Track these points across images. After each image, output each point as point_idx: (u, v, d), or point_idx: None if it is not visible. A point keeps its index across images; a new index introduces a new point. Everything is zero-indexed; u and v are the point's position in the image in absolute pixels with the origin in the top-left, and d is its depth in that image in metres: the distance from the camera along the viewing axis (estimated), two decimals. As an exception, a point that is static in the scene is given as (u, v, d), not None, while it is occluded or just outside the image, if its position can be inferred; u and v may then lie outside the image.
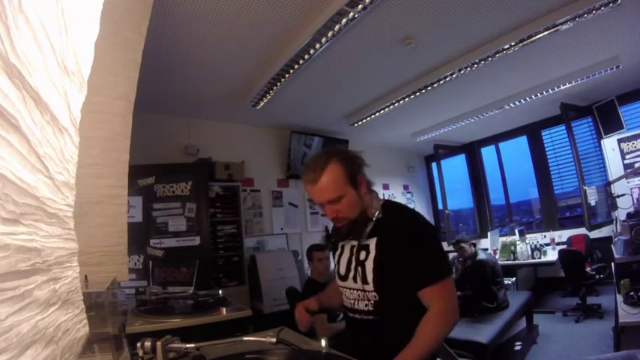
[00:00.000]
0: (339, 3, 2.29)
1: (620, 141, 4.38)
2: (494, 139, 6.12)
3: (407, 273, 1.07)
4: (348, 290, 1.19)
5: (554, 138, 5.41)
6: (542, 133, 5.52)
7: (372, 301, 1.12)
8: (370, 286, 1.11)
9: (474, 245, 3.43)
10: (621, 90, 4.43)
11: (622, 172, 4.12)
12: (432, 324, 1.03)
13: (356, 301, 1.16)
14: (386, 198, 1.28)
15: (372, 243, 1.14)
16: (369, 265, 1.12)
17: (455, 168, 6.51)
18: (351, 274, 1.17)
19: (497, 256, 4.75)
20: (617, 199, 3.89)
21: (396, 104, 4.08)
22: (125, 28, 1.04)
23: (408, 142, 5.90)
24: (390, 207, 1.20)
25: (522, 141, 5.78)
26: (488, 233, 5.34)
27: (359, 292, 1.14)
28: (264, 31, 2.62)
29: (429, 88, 3.70)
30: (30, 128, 0.46)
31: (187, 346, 0.82)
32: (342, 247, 1.25)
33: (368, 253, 1.14)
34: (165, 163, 3.61)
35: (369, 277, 1.11)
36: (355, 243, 1.18)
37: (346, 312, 1.23)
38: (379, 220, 1.14)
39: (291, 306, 3.11)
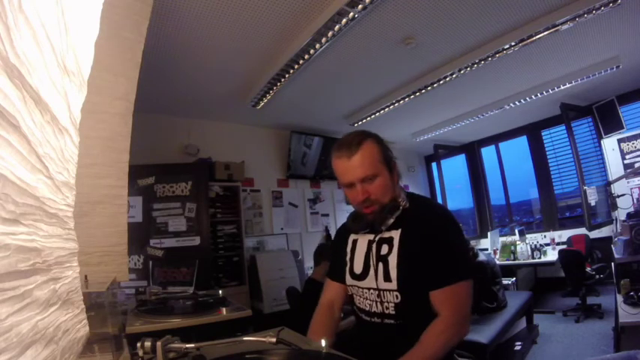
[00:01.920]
0: (339, 3, 2.29)
1: (620, 141, 4.39)
2: (494, 139, 6.12)
3: (427, 271, 0.98)
4: (366, 291, 1.08)
5: (554, 138, 5.42)
6: (542, 133, 5.53)
7: (393, 303, 1.01)
8: (393, 285, 1.00)
9: (472, 249, 3.43)
10: (621, 90, 4.43)
11: (622, 172, 4.13)
12: (438, 334, 0.93)
13: (374, 303, 1.05)
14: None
15: (396, 236, 1.04)
16: (393, 261, 1.01)
17: (455, 168, 6.51)
18: (371, 271, 1.05)
19: (497, 256, 4.76)
20: (617, 199, 3.89)
21: (396, 104, 4.08)
22: (125, 28, 1.04)
23: (408, 142, 5.90)
24: (417, 199, 1.12)
25: (522, 141, 5.79)
26: (489, 233, 5.34)
27: (378, 292, 1.04)
28: (264, 31, 2.62)
29: (429, 88, 3.70)
30: (30, 128, 0.46)
31: (187, 346, 0.81)
32: (355, 242, 1.15)
33: (391, 246, 1.03)
34: (165, 163, 3.61)
35: (393, 273, 1.00)
36: (372, 237, 1.08)
37: (360, 315, 1.11)
38: (405, 210, 1.06)
39: (292, 306, 3.10)
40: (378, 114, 4.33)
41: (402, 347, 0.99)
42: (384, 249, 1.05)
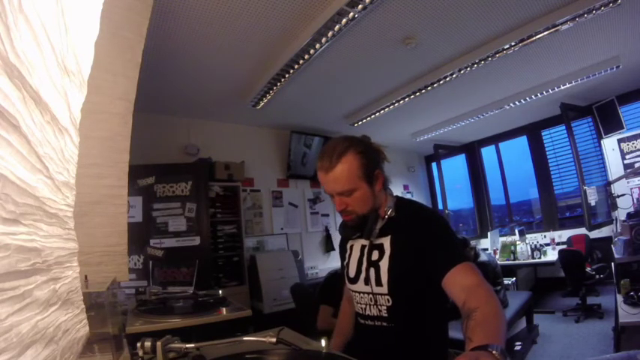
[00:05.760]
0: (339, 3, 2.28)
1: (620, 141, 4.39)
2: (494, 139, 6.12)
3: (424, 271, 0.98)
4: (358, 294, 1.11)
5: (554, 138, 5.42)
6: (542, 133, 5.53)
7: (385, 307, 1.04)
8: (384, 289, 1.03)
9: (474, 249, 3.43)
10: (621, 90, 4.43)
11: (622, 172, 4.12)
12: (486, 294, 0.85)
13: (367, 306, 1.08)
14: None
15: (387, 242, 1.07)
16: (384, 266, 1.04)
17: (455, 168, 6.51)
18: (362, 276, 1.09)
19: (497, 256, 4.76)
20: (617, 199, 3.89)
21: (396, 104, 4.08)
22: (125, 28, 1.04)
23: (408, 142, 5.90)
24: (405, 205, 1.12)
25: (522, 141, 5.79)
26: (489, 233, 5.34)
27: (370, 295, 1.07)
28: (264, 31, 2.62)
29: (429, 88, 3.70)
30: (30, 128, 0.47)
31: (187, 346, 0.82)
32: (351, 248, 1.19)
33: (382, 252, 1.06)
34: (165, 163, 3.61)
35: (384, 278, 1.03)
36: (366, 242, 1.11)
37: (356, 318, 1.15)
38: (392, 218, 1.07)
39: (297, 304, 3.09)
40: (378, 114, 4.33)
41: (395, 349, 1.02)
42: (375, 255, 1.08)
